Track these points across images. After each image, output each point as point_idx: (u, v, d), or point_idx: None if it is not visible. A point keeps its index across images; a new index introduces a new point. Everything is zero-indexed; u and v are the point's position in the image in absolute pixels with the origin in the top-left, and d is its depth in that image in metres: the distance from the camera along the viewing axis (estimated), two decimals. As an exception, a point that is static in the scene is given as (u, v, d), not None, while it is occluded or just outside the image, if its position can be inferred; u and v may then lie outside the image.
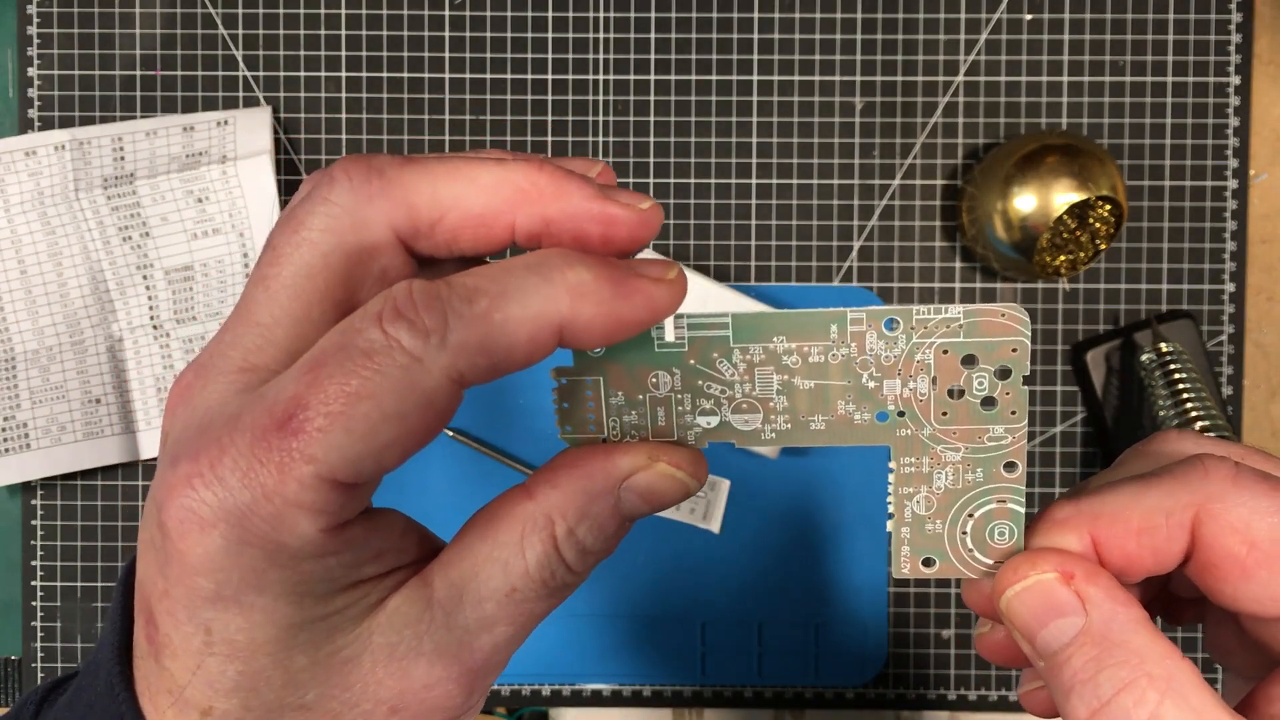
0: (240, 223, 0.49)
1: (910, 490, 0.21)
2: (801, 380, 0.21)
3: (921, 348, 0.20)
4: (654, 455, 0.20)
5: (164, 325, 0.49)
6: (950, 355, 0.20)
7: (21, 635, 0.51)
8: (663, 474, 0.20)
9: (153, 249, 0.49)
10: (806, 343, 0.20)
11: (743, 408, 0.21)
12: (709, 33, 0.50)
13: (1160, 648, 0.18)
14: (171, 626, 0.19)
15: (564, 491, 0.20)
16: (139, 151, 0.49)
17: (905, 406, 0.21)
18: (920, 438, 0.21)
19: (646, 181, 0.50)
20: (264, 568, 0.18)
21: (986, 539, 0.21)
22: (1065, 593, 0.19)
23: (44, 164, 0.48)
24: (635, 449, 0.20)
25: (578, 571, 0.20)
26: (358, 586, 0.19)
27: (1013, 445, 0.21)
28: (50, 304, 0.49)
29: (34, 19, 0.50)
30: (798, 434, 0.21)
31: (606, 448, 0.20)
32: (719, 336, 0.20)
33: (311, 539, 0.18)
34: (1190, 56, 0.50)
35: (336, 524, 0.18)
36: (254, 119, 0.49)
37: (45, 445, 0.49)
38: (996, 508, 0.21)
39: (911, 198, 0.50)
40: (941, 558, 0.21)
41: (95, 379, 0.49)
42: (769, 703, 0.51)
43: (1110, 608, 0.18)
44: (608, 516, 0.20)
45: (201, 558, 0.18)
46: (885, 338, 0.20)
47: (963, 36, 0.50)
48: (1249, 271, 0.51)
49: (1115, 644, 0.18)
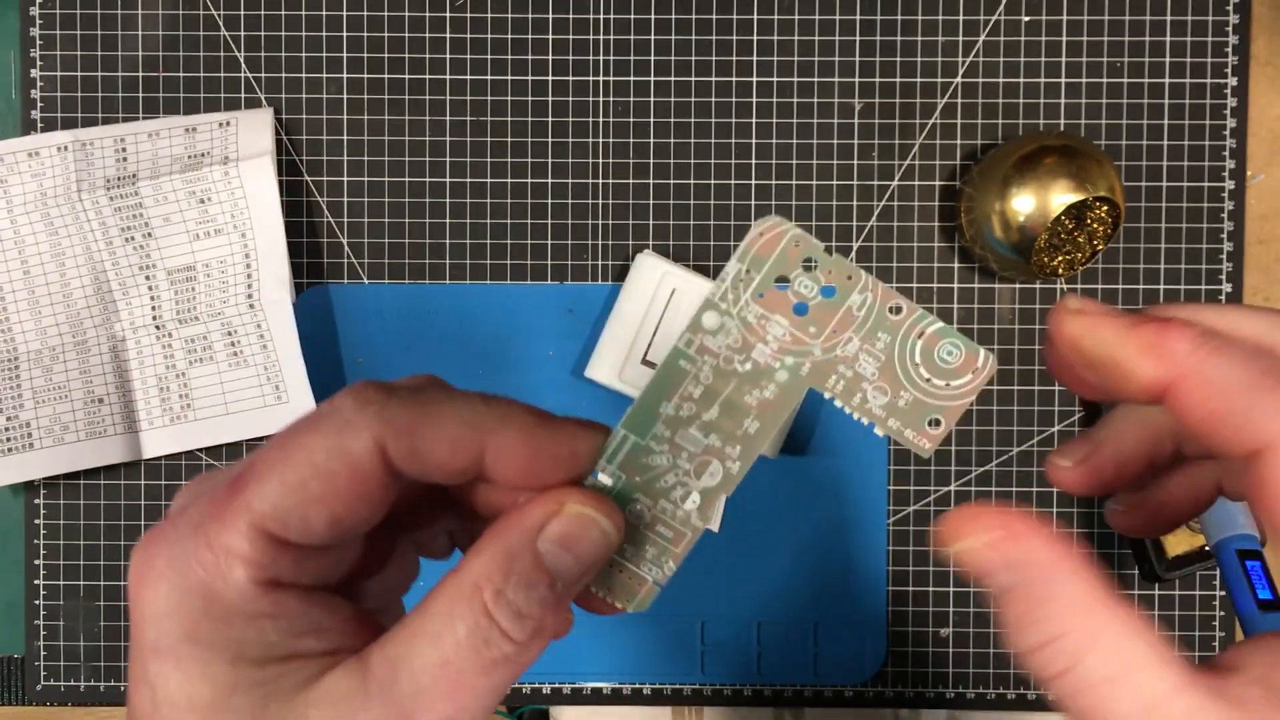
0: (242, 223, 0.49)
1: (859, 397, 0.22)
2: (708, 412, 0.22)
3: (745, 311, 0.21)
4: (560, 499, 0.20)
5: (166, 325, 0.49)
6: (768, 295, 0.21)
7: (24, 634, 0.51)
8: (574, 515, 0.20)
9: (155, 249, 0.49)
10: (679, 387, 0.22)
11: (701, 469, 0.22)
12: (709, 33, 0.50)
13: (1089, 600, 0.18)
14: (133, 690, 0.20)
15: (486, 555, 0.20)
16: (141, 152, 0.49)
17: (785, 354, 0.22)
18: (819, 360, 0.22)
19: (646, 182, 0.50)
20: (200, 619, 0.19)
21: (945, 366, 0.22)
22: (998, 555, 0.19)
23: (47, 165, 0.49)
24: (543, 498, 0.20)
25: (517, 640, 0.19)
26: (296, 659, 0.20)
27: (878, 295, 0.21)
28: (53, 304, 0.49)
29: (36, 20, 0.50)
30: (750, 446, 0.22)
31: (521, 504, 0.21)
32: (634, 445, 0.22)
33: (244, 591, 0.19)
34: (1187, 58, 0.50)
35: (267, 579, 0.19)
36: (256, 120, 0.49)
37: (48, 445, 0.49)
38: (923, 341, 0.21)
39: (910, 198, 0.51)
40: (936, 409, 0.22)
41: (98, 379, 0.49)
42: (768, 701, 0.51)
43: (1042, 565, 0.19)
44: (533, 572, 0.20)
45: (149, 606, 0.19)
46: (718, 332, 0.22)
47: (961, 38, 0.50)
48: (1246, 272, 0.51)
49: (1046, 599, 0.18)
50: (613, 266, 0.51)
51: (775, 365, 0.22)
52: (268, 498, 0.19)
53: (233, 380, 0.49)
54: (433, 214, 0.51)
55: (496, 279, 0.51)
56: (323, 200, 0.51)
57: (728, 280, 0.21)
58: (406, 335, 0.51)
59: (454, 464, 0.20)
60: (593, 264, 0.51)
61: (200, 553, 0.19)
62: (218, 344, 0.49)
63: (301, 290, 0.51)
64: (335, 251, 0.51)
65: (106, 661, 0.51)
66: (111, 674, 0.51)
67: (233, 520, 0.19)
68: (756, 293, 0.21)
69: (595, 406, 0.50)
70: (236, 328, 0.49)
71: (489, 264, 0.51)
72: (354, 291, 0.51)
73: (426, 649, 0.19)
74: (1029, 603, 0.19)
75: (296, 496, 0.19)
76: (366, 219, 0.51)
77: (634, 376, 0.48)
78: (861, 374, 0.22)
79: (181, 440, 0.50)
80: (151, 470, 0.51)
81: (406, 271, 0.51)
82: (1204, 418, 0.19)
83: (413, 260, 0.51)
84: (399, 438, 0.19)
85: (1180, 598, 0.51)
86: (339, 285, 0.51)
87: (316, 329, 0.50)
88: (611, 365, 0.48)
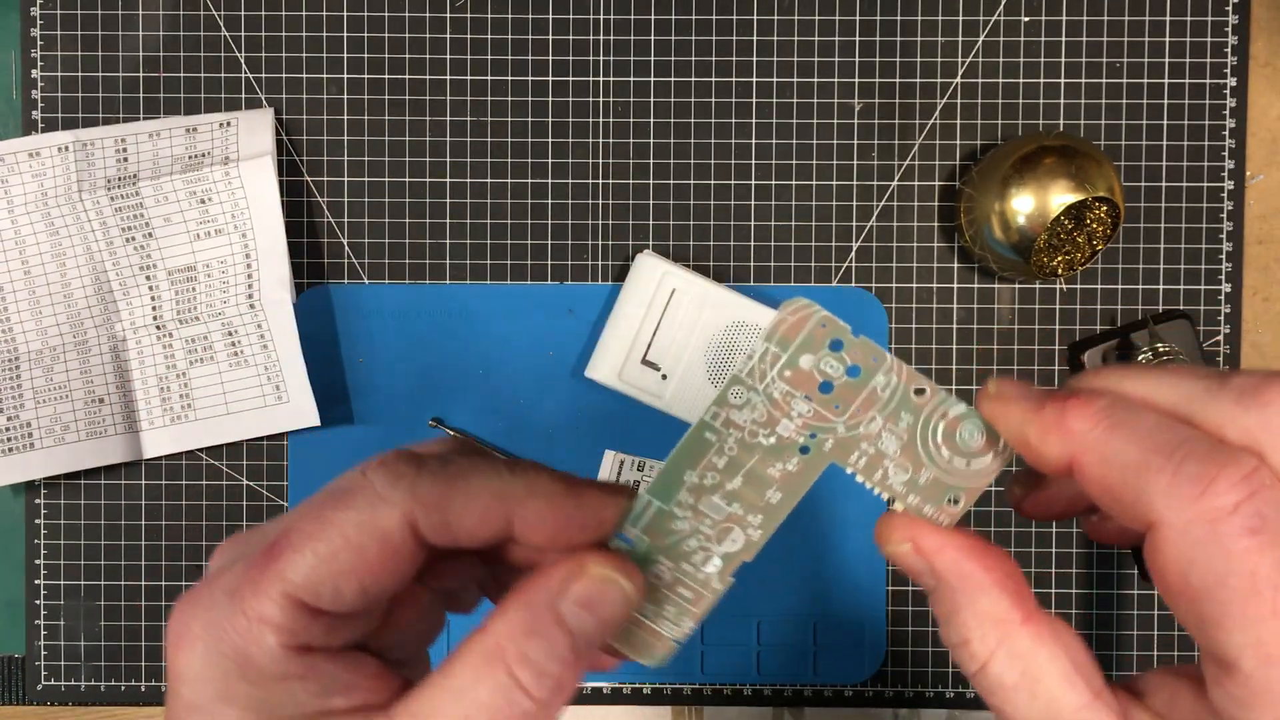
0: (243, 223, 0.49)
1: (880, 473, 0.22)
2: (732, 482, 0.22)
3: (772, 388, 0.22)
4: (584, 561, 0.21)
5: (167, 325, 0.49)
6: (793, 372, 0.22)
7: (25, 634, 0.51)
8: (596, 577, 0.21)
9: (156, 249, 0.49)
10: (704, 458, 0.22)
11: (723, 535, 0.23)
12: (709, 33, 0.50)
13: (998, 612, 0.20)
14: None
15: (510, 616, 0.20)
16: (142, 153, 0.49)
17: (809, 429, 0.22)
18: (843, 437, 0.22)
19: (646, 182, 0.51)
20: (234, 680, 0.20)
21: (965, 448, 0.22)
22: (920, 561, 0.22)
23: (48, 165, 0.49)
24: (567, 561, 0.21)
25: (538, 697, 0.20)
26: (325, 717, 0.20)
27: (903, 376, 0.22)
28: (54, 304, 0.49)
29: (37, 20, 0.50)
30: (772, 515, 0.23)
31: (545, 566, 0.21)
32: (658, 511, 0.23)
33: (276, 655, 0.20)
34: (1187, 58, 0.50)
35: (298, 644, 0.20)
36: (256, 121, 0.49)
37: (49, 445, 0.49)
38: (945, 422, 0.22)
39: (910, 199, 0.51)
40: (956, 489, 0.22)
41: (99, 379, 0.49)
42: (768, 700, 0.51)
43: (954, 576, 0.21)
44: (556, 633, 0.20)
45: (185, 667, 0.20)
46: (743, 406, 0.22)
47: (961, 38, 0.50)
48: (1245, 272, 0.51)
49: (958, 607, 0.21)
50: (613, 266, 0.51)
51: (799, 440, 0.22)
52: (301, 569, 0.20)
53: (233, 380, 0.50)
54: (433, 214, 0.51)
55: (496, 279, 0.51)
56: (323, 200, 0.51)
57: (754, 358, 0.22)
58: (406, 335, 0.51)
59: (482, 534, 0.21)
60: (593, 264, 0.51)
61: (235, 619, 0.20)
62: (218, 344, 0.49)
63: (301, 290, 0.51)
64: (335, 251, 0.51)
65: (107, 661, 0.51)
66: (112, 674, 0.51)
67: (266, 589, 0.20)
68: (783, 370, 0.22)
69: (595, 406, 0.50)
70: (237, 328, 0.49)
71: (489, 264, 0.51)
72: (354, 291, 0.51)
73: (450, 705, 0.20)
74: (944, 608, 0.21)
75: (328, 568, 0.20)
76: (366, 219, 0.51)
77: (634, 376, 0.48)
78: (884, 451, 0.22)
79: (182, 440, 0.50)
80: (152, 470, 0.51)
81: (406, 271, 0.51)
82: (1101, 495, 0.20)
83: (413, 260, 0.51)
84: (429, 513, 0.21)
85: (1179, 597, 0.51)
86: (339, 285, 0.51)
87: (316, 329, 0.50)
88: (612, 365, 0.48)
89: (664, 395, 0.48)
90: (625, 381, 0.48)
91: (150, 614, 0.51)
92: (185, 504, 0.51)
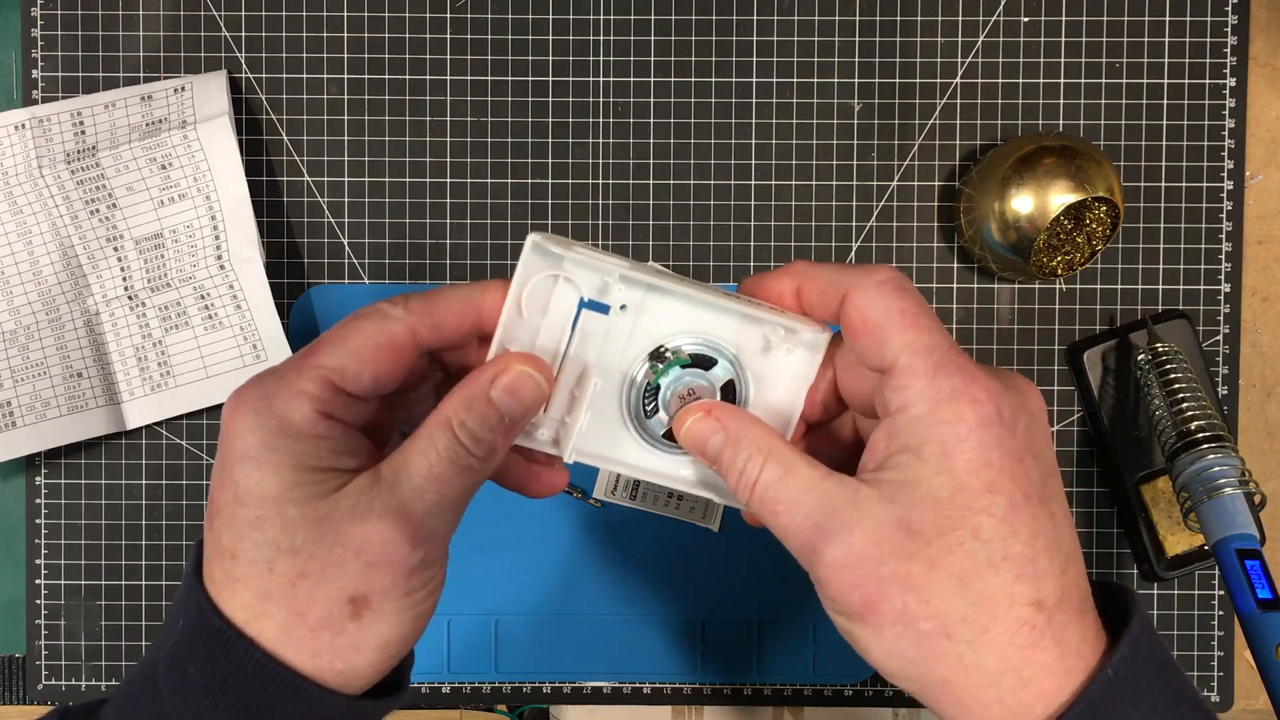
0: (205, 186, 0.49)
1: None
2: None
3: None
4: (509, 360, 0.29)
5: (139, 294, 0.49)
6: None
7: (25, 634, 0.51)
8: (516, 372, 0.29)
9: (121, 220, 0.49)
10: None
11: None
12: (709, 34, 0.51)
13: (766, 439, 0.29)
14: (216, 489, 0.28)
15: (455, 397, 0.29)
16: (99, 124, 0.49)
17: None
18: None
19: (646, 182, 0.51)
20: (276, 436, 0.27)
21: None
22: (711, 421, 0.30)
23: (5, 144, 0.49)
24: (497, 360, 0.29)
25: (477, 455, 0.28)
26: (336, 470, 0.28)
27: None
28: (24, 283, 0.49)
29: (37, 20, 0.50)
30: None
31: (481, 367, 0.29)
32: None
33: (309, 418, 0.28)
34: (1186, 59, 0.50)
35: (325, 411, 0.28)
36: (210, 82, 0.49)
37: (31, 422, 0.49)
38: None
39: (909, 199, 0.51)
40: None
41: (75, 353, 0.49)
42: (768, 700, 0.51)
43: (735, 424, 0.30)
44: (489, 409, 0.28)
45: (240, 425, 0.28)
46: None
47: (960, 39, 0.50)
48: (1244, 272, 0.51)
49: (740, 440, 0.29)
50: (613, 266, 0.51)
51: None
52: (332, 359, 0.28)
53: (210, 343, 0.49)
54: (433, 214, 0.51)
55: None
56: (323, 200, 0.51)
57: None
58: (407, 335, 0.51)
59: (463, 327, 0.30)
60: (593, 264, 0.51)
61: (281, 391, 0.28)
62: (191, 308, 0.49)
63: (301, 290, 0.51)
64: (335, 251, 0.51)
65: (107, 661, 0.51)
66: (112, 674, 0.51)
67: (307, 371, 0.28)
68: None
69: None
70: (209, 290, 0.49)
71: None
72: (354, 291, 0.51)
73: (418, 458, 0.28)
74: (729, 450, 0.29)
75: (353, 359, 0.28)
76: (366, 219, 0.51)
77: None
78: None
79: (163, 408, 0.50)
80: (152, 470, 0.51)
81: (407, 271, 0.51)
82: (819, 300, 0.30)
83: (413, 260, 0.51)
84: (423, 318, 0.29)
85: (1180, 597, 0.51)
86: (339, 285, 0.51)
87: (317, 329, 0.50)
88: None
89: None
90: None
91: (150, 614, 0.51)
92: (185, 504, 0.51)
